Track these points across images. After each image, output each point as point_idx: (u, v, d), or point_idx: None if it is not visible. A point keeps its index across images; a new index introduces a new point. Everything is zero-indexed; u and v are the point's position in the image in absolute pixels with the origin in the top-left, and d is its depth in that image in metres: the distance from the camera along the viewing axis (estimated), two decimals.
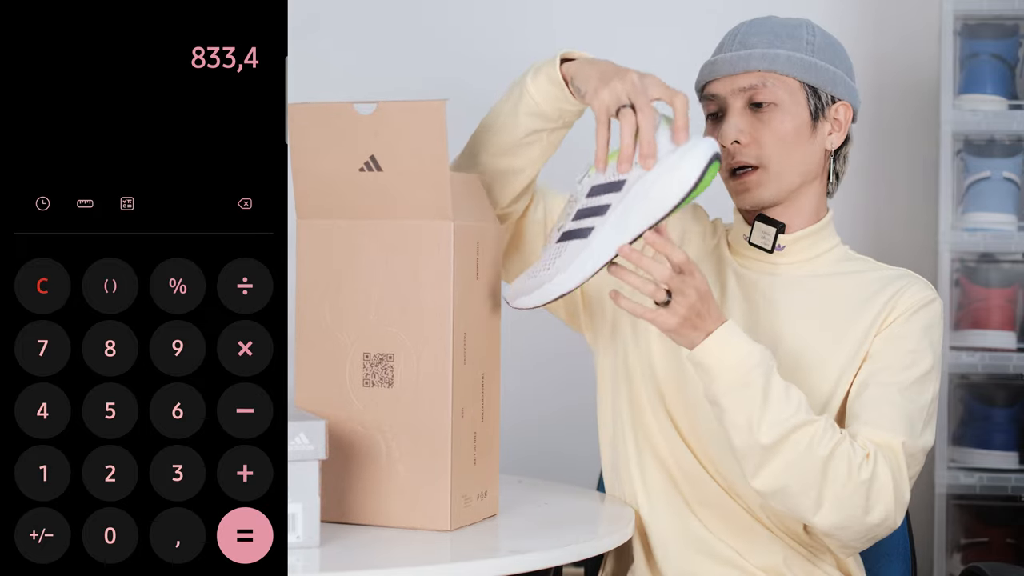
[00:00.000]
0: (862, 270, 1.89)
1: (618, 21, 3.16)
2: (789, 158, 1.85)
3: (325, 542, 1.56)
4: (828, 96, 1.87)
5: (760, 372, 1.70)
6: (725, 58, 1.86)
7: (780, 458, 1.71)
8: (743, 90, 1.85)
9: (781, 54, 1.84)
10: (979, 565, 1.92)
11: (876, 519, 1.74)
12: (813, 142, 1.87)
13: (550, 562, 1.61)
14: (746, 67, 1.85)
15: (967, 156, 2.94)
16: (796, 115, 1.85)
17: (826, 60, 1.87)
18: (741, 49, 1.86)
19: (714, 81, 1.88)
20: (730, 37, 1.89)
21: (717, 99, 1.87)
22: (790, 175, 1.86)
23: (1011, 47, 2.93)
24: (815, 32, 1.88)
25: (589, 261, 1.67)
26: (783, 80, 1.85)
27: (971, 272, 2.92)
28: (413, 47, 3.19)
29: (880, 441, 1.76)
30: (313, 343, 1.71)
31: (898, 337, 1.82)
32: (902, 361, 1.81)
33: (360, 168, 1.68)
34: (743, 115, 1.85)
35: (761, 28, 1.87)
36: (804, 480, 1.71)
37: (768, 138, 1.84)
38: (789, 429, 1.70)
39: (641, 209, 1.65)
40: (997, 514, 2.88)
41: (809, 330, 1.84)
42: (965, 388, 2.92)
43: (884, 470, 1.73)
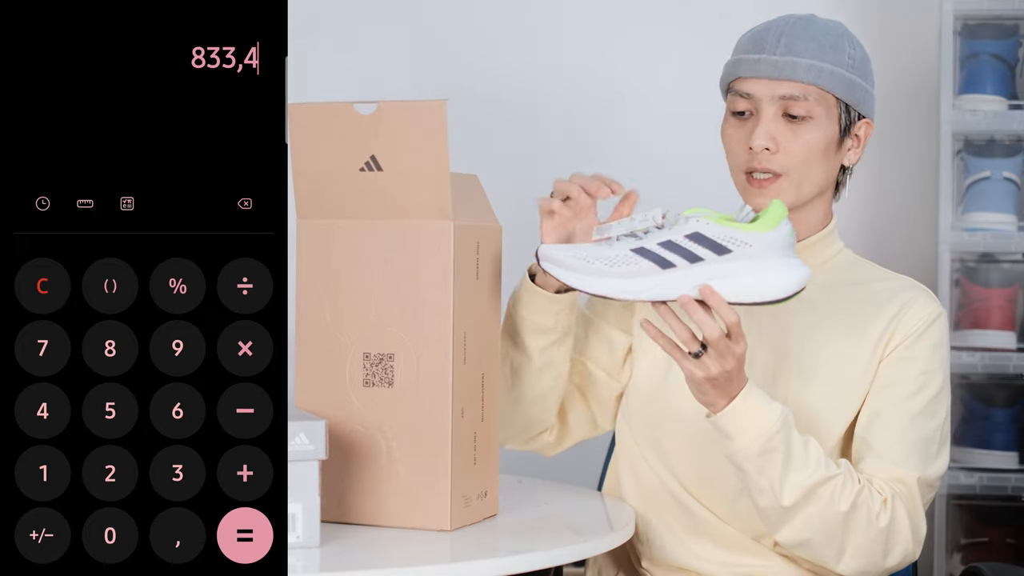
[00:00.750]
0: (867, 279, 1.88)
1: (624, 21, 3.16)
2: (812, 171, 1.83)
3: (325, 542, 1.56)
4: (857, 114, 1.85)
5: (781, 437, 1.70)
6: (770, 61, 1.82)
7: (802, 515, 1.73)
8: (783, 98, 1.81)
9: (826, 69, 1.81)
10: (979, 565, 1.92)
11: (896, 561, 1.77)
12: (836, 158, 1.85)
13: (550, 562, 1.61)
14: (791, 75, 1.80)
15: (967, 156, 2.94)
16: (828, 131, 1.83)
17: (862, 77, 1.84)
18: (787, 55, 1.81)
19: (752, 80, 1.83)
20: (773, 36, 1.83)
21: (752, 99, 1.83)
22: (809, 187, 1.84)
23: (1011, 47, 2.93)
24: (855, 45, 1.85)
25: (650, 290, 1.64)
26: (824, 95, 1.82)
27: (971, 272, 2.92)
28: (413, 47, 3.19)
29: (895, 478, 1.77)
30: (313, 343, 1.71)
31: (907, 360, 1.82)
32: (912, 385, 1.81)
33: (360, 168, 1.68)
34: (776, 122, 1.82)
35: (805, 33, 1.83)
36: (826, 534, 1.74)
37: (798, 150, 1.81)
38: (810, 488, 1.71)
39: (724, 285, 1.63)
40: (997, 514, 2.88)
41: (815, 344, 1.83)
42: (965, 388, 2.92)
43: (902, 514, 1.76)
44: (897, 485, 1.77)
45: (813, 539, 1.74)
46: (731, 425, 1.69)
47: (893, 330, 1.82)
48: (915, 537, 1.77)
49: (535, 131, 3.17)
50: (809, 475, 1.71)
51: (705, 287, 1.63)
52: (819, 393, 1.81)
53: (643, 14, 3.12)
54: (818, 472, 1.71)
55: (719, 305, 1.63)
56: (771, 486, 1.71)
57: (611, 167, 3.05)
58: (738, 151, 1.84)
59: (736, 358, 1.66)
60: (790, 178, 1.82)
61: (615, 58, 3.14)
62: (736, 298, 1.63)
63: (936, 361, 1.83)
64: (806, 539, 1.75)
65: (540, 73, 3.18)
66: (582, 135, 3.15)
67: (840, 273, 1.89)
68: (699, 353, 1.65)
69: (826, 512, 1.72)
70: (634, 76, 3.14)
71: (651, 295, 1.65)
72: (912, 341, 1.82)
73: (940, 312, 1.85)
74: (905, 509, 1.76)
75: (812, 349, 1.83)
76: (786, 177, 1.82)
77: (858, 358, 1.82)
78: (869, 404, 1.81)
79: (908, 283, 1.88)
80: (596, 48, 3.17)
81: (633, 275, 1.65)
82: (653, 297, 1.65)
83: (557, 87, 3.17)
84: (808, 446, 1.72)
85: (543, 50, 3.18)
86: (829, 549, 1.75)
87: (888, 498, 1.75)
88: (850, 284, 1.87)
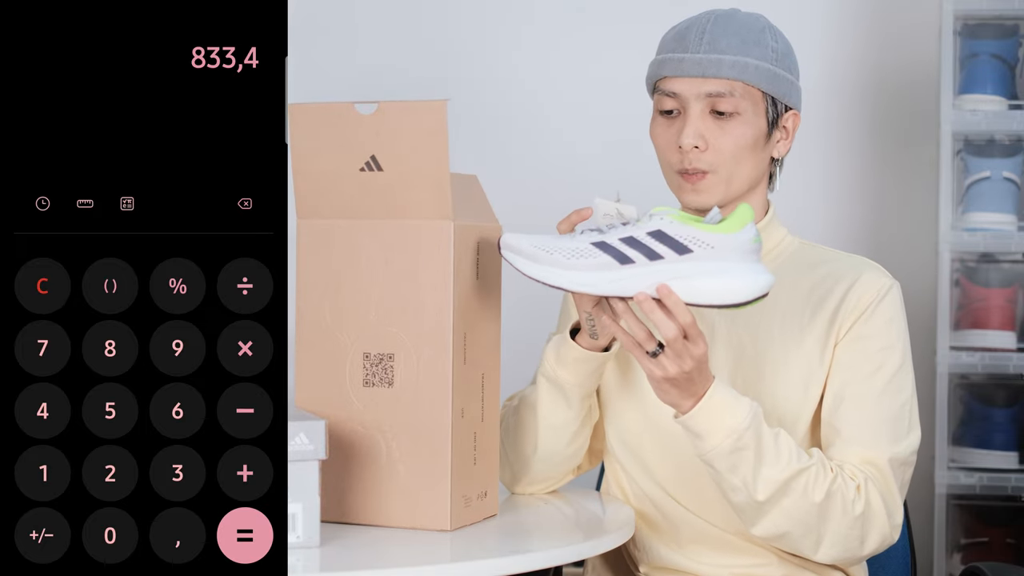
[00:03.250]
0: (814, 262, 1.87)
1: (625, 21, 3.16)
2: (741, 166, 1.82)
3: (325, 542, 1.56)
4: (783, 106, 1.85)
5: (751, 433, 1.70)
6: (694, 59, 1.81)
7: (777, 509, 1.73)
8: (709, 95, 1.81)
9: (750, 64, 1.81)
10: (979, 565, 1.92)
11: (873, 546, 1.77)
12: (765, 151, 1.85)
13: (550, 562, 1.61)
14: (716, 73, 1.80)
15: (967, 156, 2.94)
16: (756, 126, 1.82)
17: (785, 68, 1.84)
18: (711, 52, 1.81)
19: (677, 79, 1.83)
20: (696, 34, 1.83)
21: (678, 98, 1.82)
22: (739, 181, 1.83)
23: (1011, 47, 2.93)
24: (777, 37, 1.84)
25: (609, 284, 1.63)
26: (749, 90, 1.81)
27: (971, 272, 2.92)
28: (413, 47, 3.19)
29: (866, 460, 1.77)
30: (313, 343, 1.71)
31: (862, 339, 1.81)
32: (872, 363, 1.80)
33: (360, 168, 1.68)
34: (704, 120, 1.81)
35: (728, 29, 1.82)
36: (803, 525, 1.74)
37: (727, 146, 1.81)
38: (783, 482, 1.71)
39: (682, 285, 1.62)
40: (997, 514, 2.88)
41: (768, 333, 1.83)
42: (965, 388, 2.92)
43: (875, 498, 1.75)
44: (868, 468, 1.76)
45: (790, 531, 1.74)
46: (700, 425, 1.69)
47: (845, 311, 1.81)
48: (891, 521, 1.76)
49: (535, 131, 3.17)
50: (782, 469, 1.71)
51: (662, 286, 1.61)
52: (779, 385, 1.81)
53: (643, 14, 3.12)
54: (791, 465, 1.71)
55: (675, 305, 1.61)
56: (744, 483, 1.71)
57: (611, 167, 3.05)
58: (668, 150, 1.84)
59: (694, 359, 1.65)
60: (719, 175, 1.82)
61: (615, 58, 3.14)
62: (693, 299, 1.61)
63: (893, 335, 1.81)
64: (783, 532, 1.74)
65: (542, 73, 3.18)
66: (583, 135, 3.15)
67: (787, 260, 1.88)
68: (656, 352, 1.64)
69: (801, 504, 1.72)
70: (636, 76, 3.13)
71: (606, 290, 1.63)
72: (865, 319, 1.81)
73: (891, 284, 1.83)
74: (879, 493, 1.75)
75: (767, 342, 1.83)
76: (715, 174, 1.82)
77: (813, 344, 1.81)
78: (831, 388, 1.81)
79: (856, 261, 1.87)
80: (596, 48, 3.17)
81: (591, 268, 1.63)
82: (608, 292, 1.63)
83: (559, 87, 3.17)
84: (779, 439, 1.72)
85: (543, 50, 3.18)
86: (806, 540, 1.75)
87: (861, 484, 1.75)
88: (798, 270, 1.86)
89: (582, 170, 3.09)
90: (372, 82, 3.16)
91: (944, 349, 2.85)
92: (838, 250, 1.91)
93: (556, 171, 3.11)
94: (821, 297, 1.83)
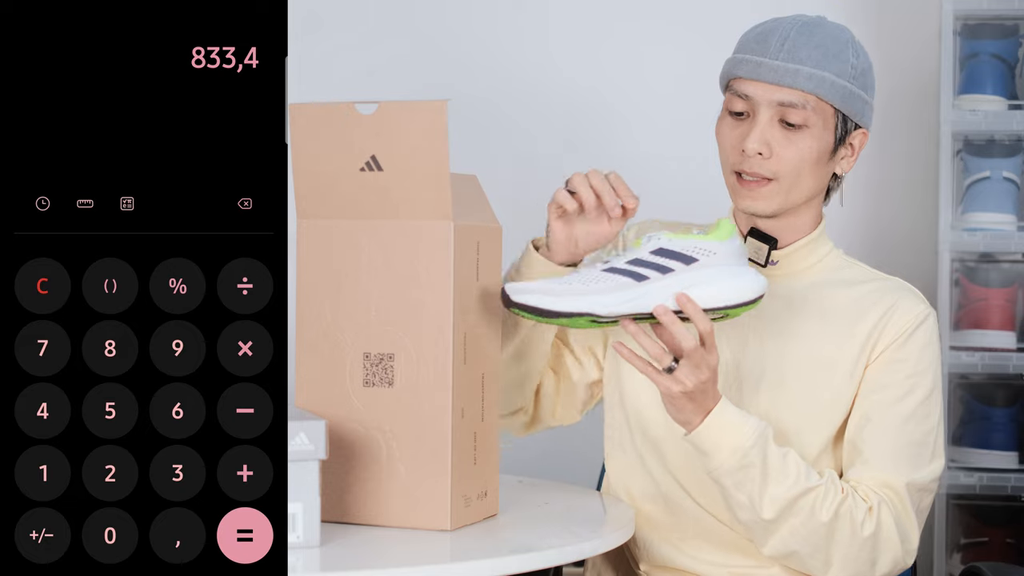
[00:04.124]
0: (855, 280, 1.87)
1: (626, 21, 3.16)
2: (803, 179, 1.81)
3: (325, 542, 1.56)
4: (853, 124, 1.83)
5: (756, 451, 1.71)
6: (771, 65, 1.79)
7: (785, 527, 1.73)
8: (781, 104, 1.79)
9: (828, 78, 1.79)
10: (979, 565, 1.92)
11: (885, 569, 1.77)
12: (828, 166, 1.84)
13: (550, 562, 1.61)
14: (792, 83, 1.78)
15: (967, 156, 2.94)
16: (823, 140, 1.81)
17: (863, 87, 1.82)
18: (790, 61, 1.79)
19: (752, 82, 1.80)
20: (778, 39, 1.80)
21: (750, 101, 1.81)
22: (799, 193, 1.83)
23: (1011, 47, 2.93)
24: (859, 54, 1.82)
25: (630, 302, 1.67)
26: (822, 105, 1.79)
27: (971, 272, 2.92)
28: (413, 47, 3.19)
29: (884, 483, 1.77)
30: (313, 343, 1.71)
31: (895, 362, 1.81)
32: (902, 388, 1.80)
33: (360, 168, 1.68)
34: (772, 127, 1.80)
35: (811, 39, 1.80)
36: (810, 545, 1.74)
37: (791, 158, 1.80)
38: (790, 501, 1.72)
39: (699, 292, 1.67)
40: (997, 514, 2.88)
41: (799, 349, 1.83)
42: (965, 388, 2.92)
43: (888, 520, 1.75)
44: (885, 491, 1.77)
45: (799, 550, 1.75)
46: (707, 442, 1.71)
47: (880, 333, 1.82)
48: (905, 545, 1.77)
49: (535, 131, 3.16)
50: (788, 488, 1.71)
51: (681, 295, 1.65)
52: (805, 401, 1.81)
53: (644, 13, 3.12)
54: (798, 484, 1.72)
55: (694, 313, 1.65)
56: (751, 500, 1.72)
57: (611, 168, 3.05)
58: (731, 151, 1.83)
59: (711, 369, 1.67)
60: (780, 184, 1.81)
61: (616, 58, 3.14)
62: (713, 303, 1.67)
63: (925, 363, 1.82)
64: (792, 551, 1.75)
65: (541, 73, 3.18)
66: (583, 136, 3.15)
67: (828, 274, 1.88)
68: (672, 367, 1.67)
69: (808, 523, 1.73)
70: (634, 76, 3.13)
71: (630, 307, 1.67)
72: (900, 344, 1.81)
73: (928, 313, 1.84)
74: (892, 516, 1.75)
75: (797, 356, 1.82)
76: (776, 183, 1.81)
77: (845, 362, 1.81)
78: (858, 408, 1.81)
79: (896, 284, 1.87)
80: (597, 48, 3.17)
81: (611, 290, 1.67)
82: (632, 310, 1.67)
83: (558, 87, 3.17)
84: (787, 458, 1.72)
85: (544, 50, 3.18)
86: (815, 560, 1.76)
87: (874, 506, 1.75)
88: (837, 286, 1.86)
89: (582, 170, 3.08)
90: (372, 82, 3.16)
91: (944, 349, 2.85)
92: (877, 270, 1.91)
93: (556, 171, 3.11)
94: (857, 316, 1.83)
